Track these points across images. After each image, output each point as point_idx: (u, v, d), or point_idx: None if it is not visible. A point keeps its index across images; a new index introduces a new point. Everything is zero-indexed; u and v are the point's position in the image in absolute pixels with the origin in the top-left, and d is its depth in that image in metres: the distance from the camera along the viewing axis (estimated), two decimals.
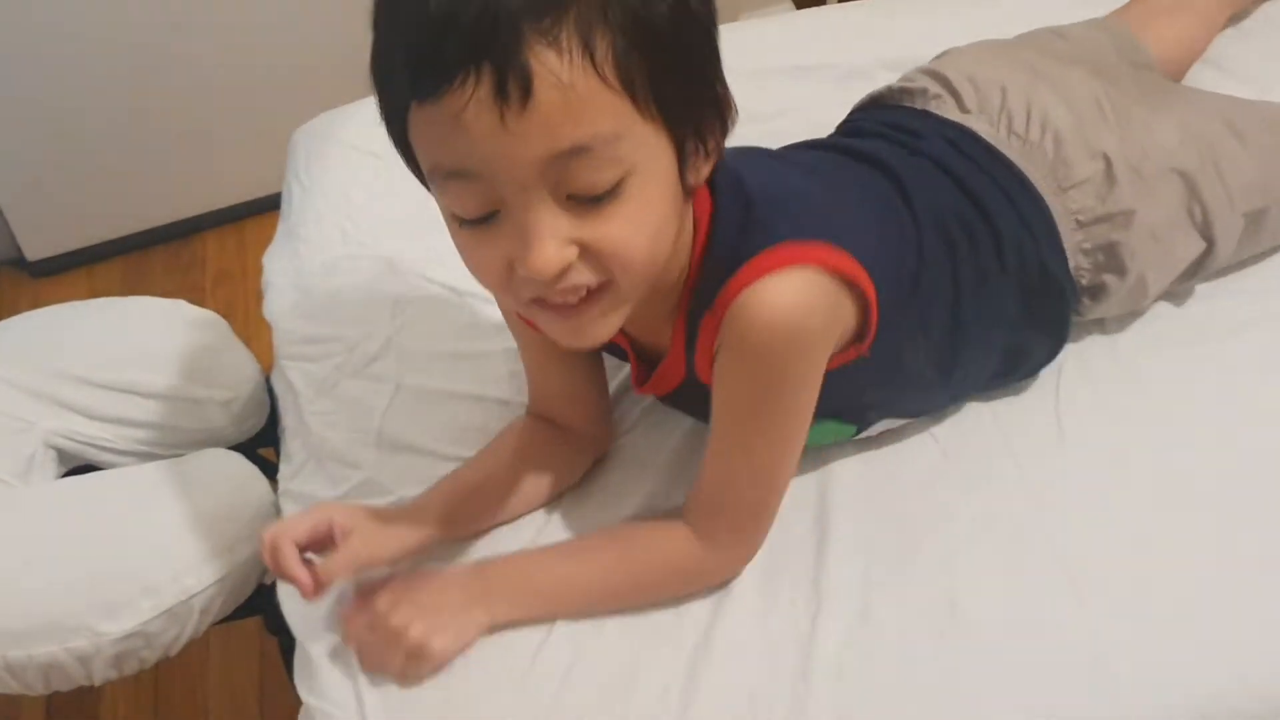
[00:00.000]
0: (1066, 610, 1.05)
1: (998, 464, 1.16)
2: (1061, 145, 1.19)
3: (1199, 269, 1.27)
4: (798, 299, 0.93)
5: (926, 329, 1.11)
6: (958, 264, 1.12)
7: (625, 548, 1.07)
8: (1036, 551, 1.09)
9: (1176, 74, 1.49)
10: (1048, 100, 1.22)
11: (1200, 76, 1.52)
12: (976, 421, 1.20)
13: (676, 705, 1.01)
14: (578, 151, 0.79)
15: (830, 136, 1.29)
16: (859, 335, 1.01)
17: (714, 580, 1.07)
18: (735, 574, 1.07)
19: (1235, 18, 1.60)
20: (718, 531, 1.04)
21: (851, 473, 1.16)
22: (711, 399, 1.00)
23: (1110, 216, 1.19)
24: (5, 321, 1.42)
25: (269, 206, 2.44)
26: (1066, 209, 1.19)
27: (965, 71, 1.26)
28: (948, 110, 1.24)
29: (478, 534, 1.13)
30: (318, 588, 1.01)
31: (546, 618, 1.05)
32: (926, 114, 1.24)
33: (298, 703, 1.10)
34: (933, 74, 1.28)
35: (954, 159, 1.17)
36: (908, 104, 1.27)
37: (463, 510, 1.12)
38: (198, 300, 2.34)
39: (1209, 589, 1.07)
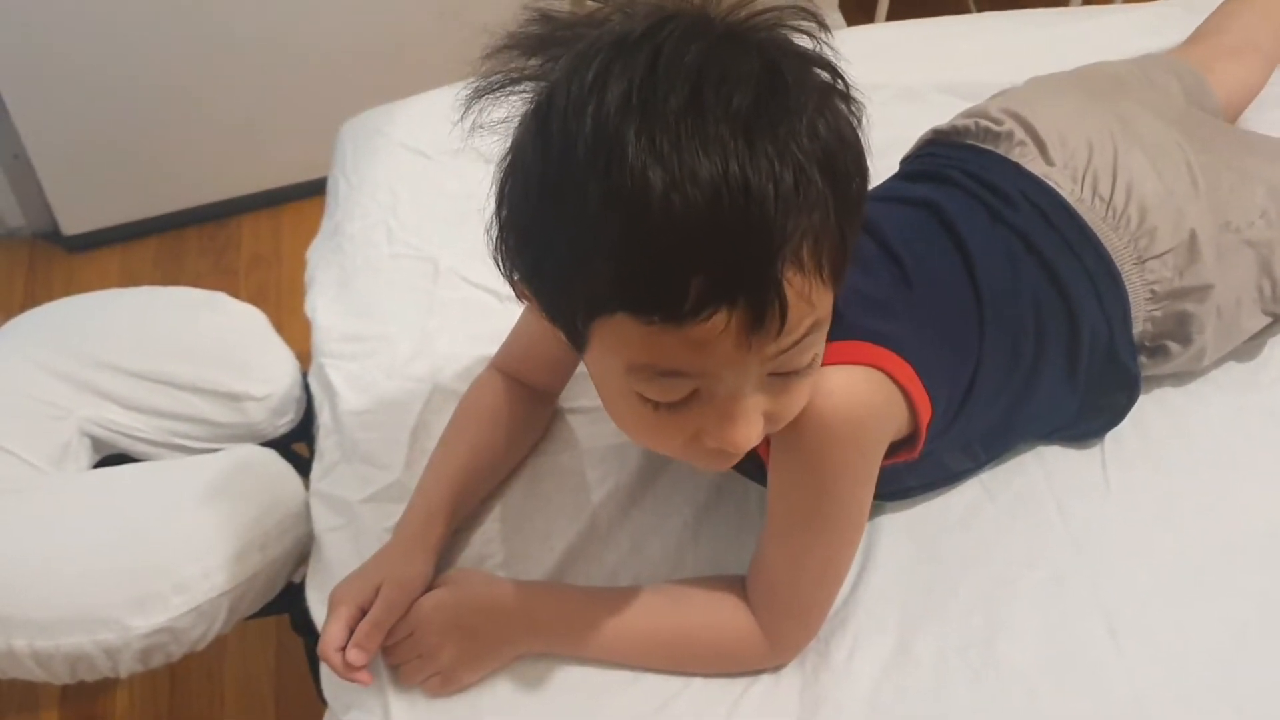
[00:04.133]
0: (1104, 656, 1.04)
1: (1040, 506, 1.15)
2: (1147, 215, 1.16)
3: (1260, 337, 1.26)
4: (854, 391, 0.92)
5: (970, 437, 1.12)
6: (1014, 375, 1.11)
7: (684, 624, 1.04)
8: (1076, 596, 1.09)
9: (1233, 116, 1.47)
10: (1136, 164, 1.19)
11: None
12: (1021, 462, 1.19)
13: None
14: (797, 343, 0.78)
15: (912, 177, 1.25)
16: (908, 444, 1.00)
17: (764, 666, 1.05)
18: (787, 663, 1.05)
19: None
20: (781, 625, 1.03)
21: (893, 508, 1.15)
22: (768, 485, 0.99)
23: (1187, 291, 1.17)
24: (44, 306, 1.41)
25: (307, 192, 2.46)
26: (1144, 280, 1.17)
27: (1054, 124, 1.22)
28: (1032, 160, 1.20)
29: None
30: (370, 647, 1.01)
31: (581, 660, 1.05)
32: (1014, 167, 1.20)
33: (314, 696, 1.09)
34: (1018, 119, 1.24)
35: (1043, 234, 1.14)
36: (990, 146, 1.24)
37: (468, 502, 1.13)
38: (231, 284, 2.37)
39: (1252, 641, 1.06)
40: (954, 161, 1.23)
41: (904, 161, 1.31)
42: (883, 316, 0.97)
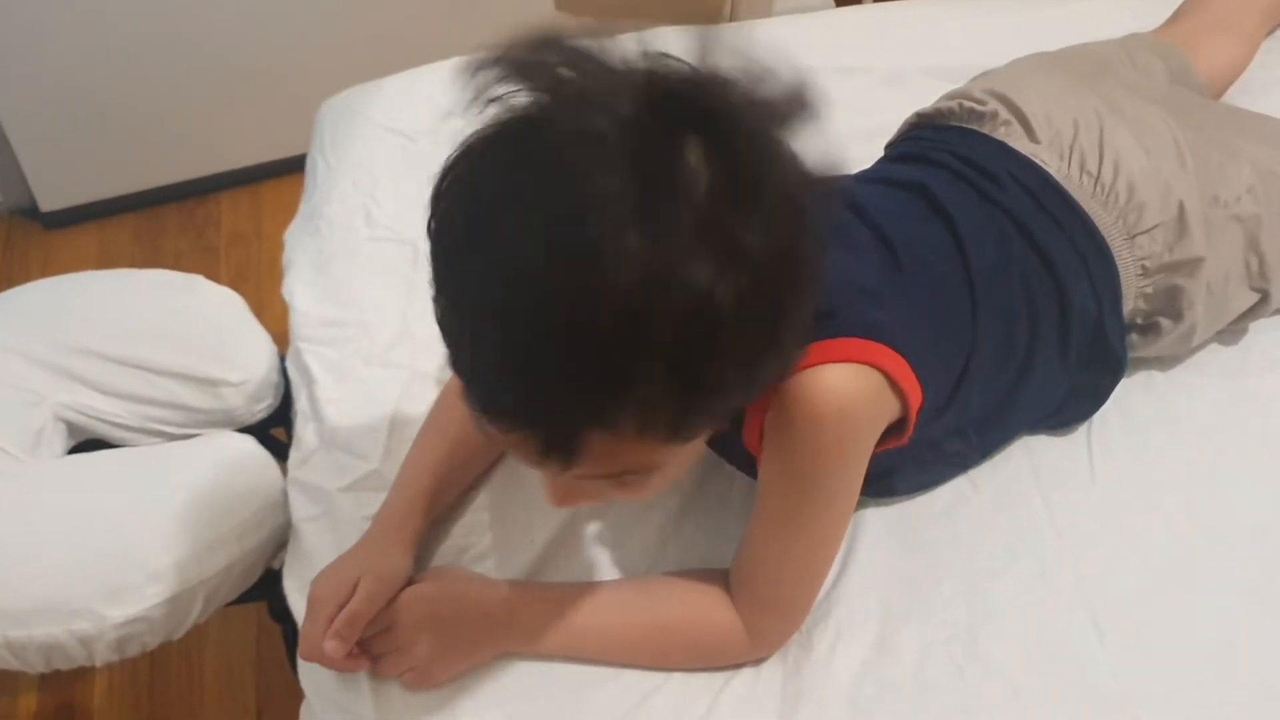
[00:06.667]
0: (1088, 650, 1.04)
1: (1025, 496, 1.14)
2: (1135, 190, 1.15)
3: (1246, 318, 1.25)
4: (847, 389, 0.91)
5: (966, 421, 1.11)
6: (1010, 358, 1.10)
7: (665, 620, 1.04)
8: (1060, 588, 1.08)
9: (1217, 95, 1.46)
10: (1122, 141, 1.18)
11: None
12: (1006, 453, 1.18)
13: None
14: (612, 475, 0.81)
15: (899, 160, 1.24)
16: (897, 430, 0.99)
17: (746, 660, 1.04)
18: (769, 656, 1.04)
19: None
20: (763, 619, 1.02)
21: (877, 499, 1.14)
22: (758, 480, 0.99)
23: (1177, 265, 1.16)
24: (17, 289, 1.39)
25: (286, 169, 2.44)
26: (1134, 255, 1.16)
27: (1038, 102, 1.22)
28: (1017, 139, 1.19)
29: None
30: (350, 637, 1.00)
31: (561, 658, 1.04)
32: (1000, 146, 1.19)
33: (295, 683, 1.08)
34: (1002, 99, 1.23)
35: (1032, 213, 1.13)
36: (975, 126, 1.22)
37: (447, 493, 1.12)
38: (212, 262, 2.35)
39: (1237, 633, 1.05)
40: (940, 143, 1.22)
41: (889, 146, 1.31)
42: (873, 305, 0.96)
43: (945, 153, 1.19)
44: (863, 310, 0.94)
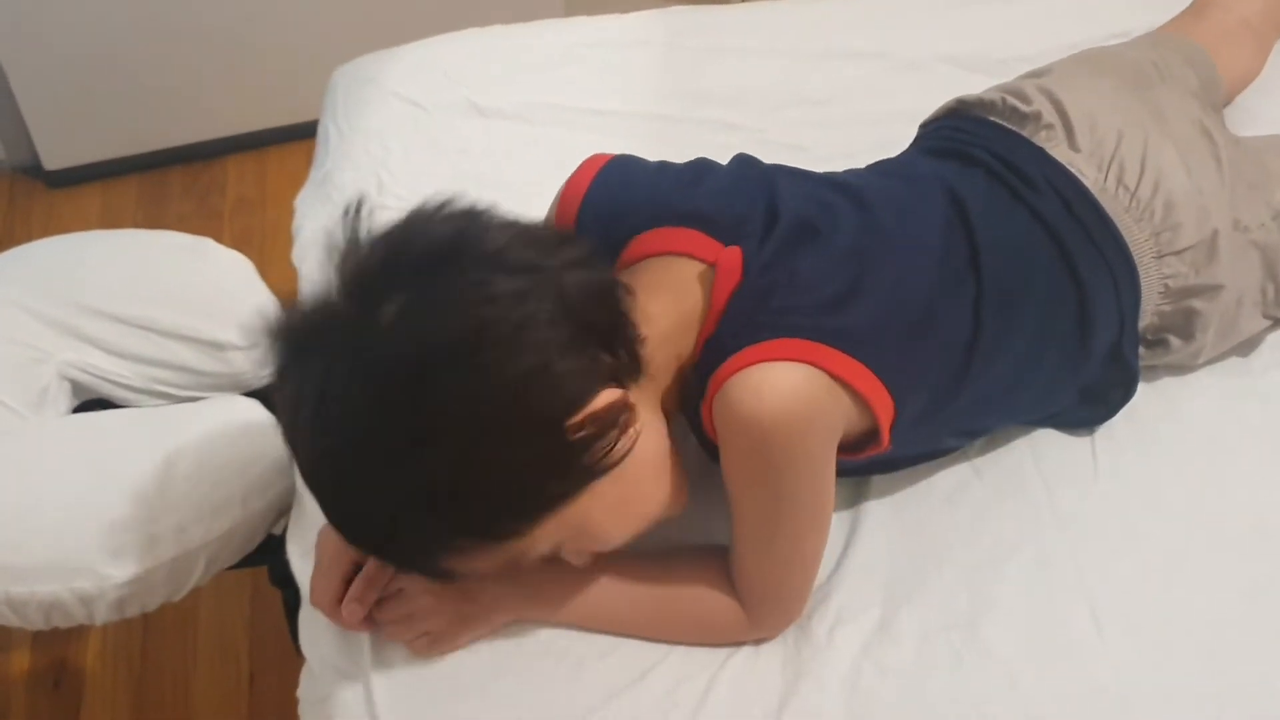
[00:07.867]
0: (1087, 643, 1.04)
1: (1028, 486, 1.15)
2: (1173, 210, 1.15)
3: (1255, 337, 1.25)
4: (782, 388, 0.89)
5: (975, 414, 1.10)
6: (1023, 362, 1.09)
7: (671, 597, 1.04)
8: (1060, 578, 1.08)
9: (1226, 104, 1.46)
10: (1166, 157, 1.17)
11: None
12: (1009, 443, 1.18)
13: (687, 705, 1.00)
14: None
15: (936, 153, 1.22)
16: (873, 438, 0.98)
17: (747, 640, 1.05)
18: (770, 638, 1.05)
19: None
20: (759, 609, 1.03)
21: (879, 483, 1.14)
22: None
23: (1200, 289, 1.16)
24: (25, 246, 1.39)
25: (293, 136, 2.43)
26: (1160, 274, 1.16)
27: (1086, 108, 1.20)
28: (1057, 144, 1.18)
29: None
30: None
31: (568, 626, 1.04)
32: (1039, 152, 1.17)
33: (288, 647, 1.08)
34: (1051, 98, 1.21)
35: (1066, 222, 1.12)
36: (1016, 126, 1.21)
37: None
38: (216, 227, 2.35)
39: (1234, 632, 1.05)
40: (979, 139, 1.20)
41: (924, 126, 1.30)
42: (832, 312, 0.95)
43: (984, 150, 1.17)
44: (815, 316, 0.93)
